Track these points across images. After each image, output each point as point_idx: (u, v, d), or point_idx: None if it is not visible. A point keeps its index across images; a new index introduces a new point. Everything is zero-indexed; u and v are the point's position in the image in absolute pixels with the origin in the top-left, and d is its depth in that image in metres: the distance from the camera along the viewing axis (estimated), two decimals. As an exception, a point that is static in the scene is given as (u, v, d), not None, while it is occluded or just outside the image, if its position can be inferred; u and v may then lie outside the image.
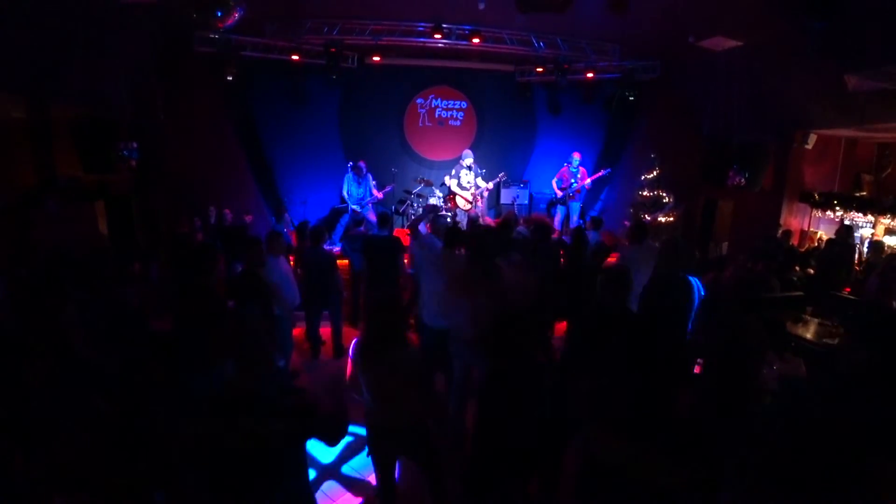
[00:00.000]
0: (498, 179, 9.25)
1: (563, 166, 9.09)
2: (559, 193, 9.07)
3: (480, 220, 8.90)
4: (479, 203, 9.20)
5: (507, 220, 6.19)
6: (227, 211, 7.59)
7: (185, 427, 2.15)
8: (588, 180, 8.93)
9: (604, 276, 3.22)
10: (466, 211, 9.04)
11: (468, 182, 9.06)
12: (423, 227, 5.38)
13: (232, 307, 4.36)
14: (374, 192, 8.64)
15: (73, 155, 6.40)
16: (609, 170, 9.31)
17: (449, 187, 9.14)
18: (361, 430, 3.60)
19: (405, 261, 5.92)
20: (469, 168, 9.06)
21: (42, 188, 5.69)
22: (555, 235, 7.38)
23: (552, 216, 9.24)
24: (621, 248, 5.65)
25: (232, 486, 2.02)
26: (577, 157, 8.95)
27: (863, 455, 1.73)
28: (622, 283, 3.16)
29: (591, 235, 6.42)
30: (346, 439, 4.12)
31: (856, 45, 5.52)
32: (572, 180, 8.91)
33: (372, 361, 2.63)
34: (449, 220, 8.69)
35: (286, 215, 8.19)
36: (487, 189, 9.18)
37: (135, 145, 6.54)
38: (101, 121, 6.44)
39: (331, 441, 2.25)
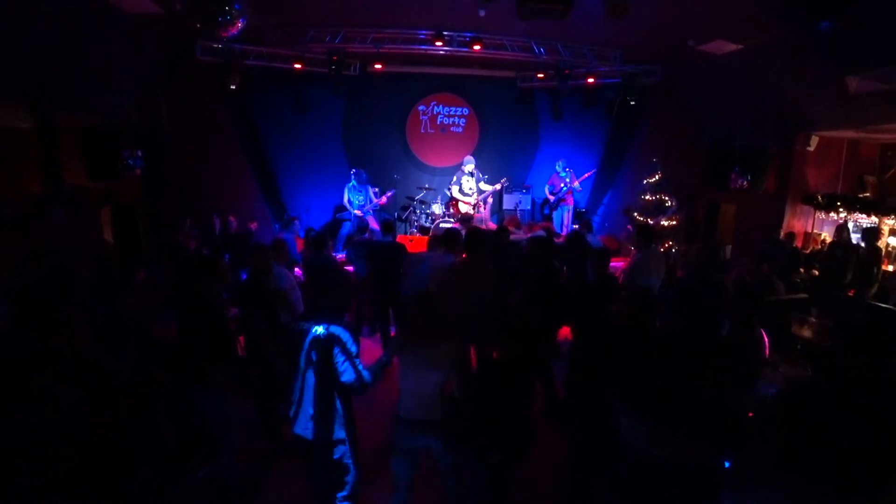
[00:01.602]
0: (500, 185, 9.29)
1: (554, 174, 9.35)
2: (551, 198, 9.27)
3: (483, 225, 8.92)
4: (483, 209, 9.23)
5: (504, 226, 6.25)
6: (231, 218, 7.62)
7: None
8: (576, 182, 9.06)
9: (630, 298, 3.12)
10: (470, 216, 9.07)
11: (470, 188, 9.10)
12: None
13: (236, 314, 4.39)
14: (374, 198, 8.69)
15: (79, 163, 6.46)
16: (595, 170, 9.62)
17: (451, 194, 9.19)
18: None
19: None
20: (470, 174, 9.11)
21: (49, 196, 5.74)
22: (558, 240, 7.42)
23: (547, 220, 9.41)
24: (633, 254, 5.65)
25: None
26: (561, 162, 9.31)
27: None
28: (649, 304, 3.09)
29: (588, 239, 6.42)
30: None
31: (856, 46, 5.53)
32: (562, 185, 9.09)
33: (414, 354, 2.80)
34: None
35: (295, 223, 8.21)
36: (494, 191, 9.22)
37: (140, 153, 6.58)
38: (106, 129, 6.51)
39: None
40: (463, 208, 9.11)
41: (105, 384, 3.22)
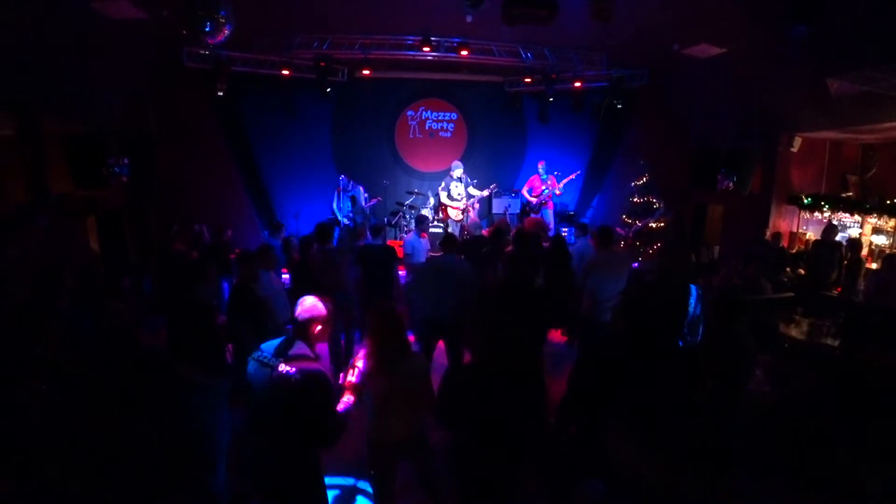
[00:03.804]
0: (489, 191, 9.30)
1: (533, 175, 9.34)
2: (533, 201, 9.26)
3: (476, 230, 8.90)
4: (472, 213, 9.24)
5: (498, 229, 6.25)
6: (228, 230, 7.53)
7: None
8: (560, 186, 9.10)
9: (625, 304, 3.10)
10: (457, 222, 9.09)
11: (458, 194, 9.13)
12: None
13: (224, 322, 4.35)
14: (365, 199, 8.72)
15: (64, 171, 6.38)
16: (579, 172, 9.62)
17: (439, 199, 9.20)
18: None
19: (399, 270, 5.99)
20: (459, 179, 9.14)
21: (33, 204, 5.66)
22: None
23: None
24: (591, 254, 5.66)
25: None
26: (541, 165, 9.27)
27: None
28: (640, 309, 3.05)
29: (580, 242, 6.45)
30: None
31: (836, 49, 5.64)
32: (544, 188, 9.09)
33: (385, 373, 2.62)
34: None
35: (282, 230, 8.13)
36: (482, 196, 9.23)
37: (126, 161, 6.51)
38: (92, 136, 6.43)
39: (326, 440, 2.42)
40: (452, 213, 9.12)
41: (90, 393, 3.18)
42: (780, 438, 2.55)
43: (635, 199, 9.18)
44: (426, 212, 9.45)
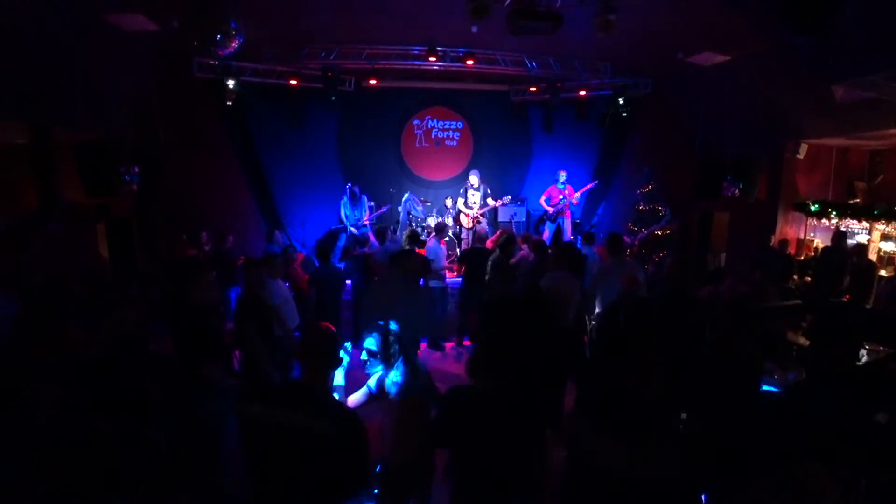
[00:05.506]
0: (502, 202, 9.31)
1: (551, 184, 9.30)
2: (550, 211, 9.23)
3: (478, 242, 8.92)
4: (484, 221, 9.28)
5: (504, 241, 6.26)
6: (230, 237, 7.61)
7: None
8: (576, 195, 9.11)
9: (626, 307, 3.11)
10: (468, 228, 9.15)
11: (473, 202, 9.21)
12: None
13: (231, 328, 4.37)
14: (365, 218, 8.77)
15: (74, 179, 6.47)
16: (596, 182, 9.56)
17: (458, 207, 9.29)
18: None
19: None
20: (476, 188, 9.21)
21: (44, 211, 5.74)
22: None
23: (540, 233, 9.38)
24: (597, 264, 5.63)
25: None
26: (563, 174, 9.19)
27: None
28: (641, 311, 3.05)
29: (586, 251, 6.44)
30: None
31: (841, 55, 5.64)
32: (561, 197, 9.07)
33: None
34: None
35: (276, 234, 8.17)
36: (494, 206, 9.27)
37: (136, 169, 6.61)
38: (103, 145, 6.53)
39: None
40: (463, 220, 9.21)
41: (97, 397, 3.21)
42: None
43: (641, 207, 9.17)
44: (432, 220, 9.50)
